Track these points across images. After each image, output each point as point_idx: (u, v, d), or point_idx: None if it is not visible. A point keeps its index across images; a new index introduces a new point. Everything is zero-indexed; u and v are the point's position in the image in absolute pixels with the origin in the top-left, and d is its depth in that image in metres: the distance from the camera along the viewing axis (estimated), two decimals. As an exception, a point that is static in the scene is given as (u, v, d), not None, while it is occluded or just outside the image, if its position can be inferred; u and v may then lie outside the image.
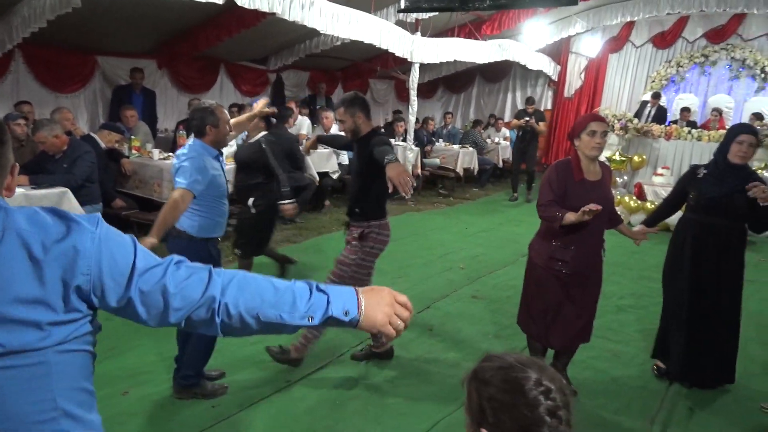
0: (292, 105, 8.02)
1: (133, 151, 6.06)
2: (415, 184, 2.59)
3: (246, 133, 4.34)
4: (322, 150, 7.32)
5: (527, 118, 9.37)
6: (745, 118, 9.86)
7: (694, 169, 3.50)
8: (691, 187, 3.41)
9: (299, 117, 8.01)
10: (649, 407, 3.29)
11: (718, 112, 9.98)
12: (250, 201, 4.33)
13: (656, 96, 10.35)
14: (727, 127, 9.55)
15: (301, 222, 6.92)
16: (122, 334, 3.56)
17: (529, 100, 10.23)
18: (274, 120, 4.48)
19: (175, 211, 2.75)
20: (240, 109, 7.28)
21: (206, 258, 2.89)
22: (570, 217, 2.93)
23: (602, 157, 8.04)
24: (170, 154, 5.87)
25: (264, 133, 4.37)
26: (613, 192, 4.90)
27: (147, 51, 8.06)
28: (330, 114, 7.76)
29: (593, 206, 2.84)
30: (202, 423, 2.84)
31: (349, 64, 11.19)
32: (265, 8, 5.81)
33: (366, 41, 7.20)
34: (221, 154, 3.05)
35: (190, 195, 2.77)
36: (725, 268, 3.32)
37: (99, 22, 6.54)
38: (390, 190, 2.76)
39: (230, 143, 5.19)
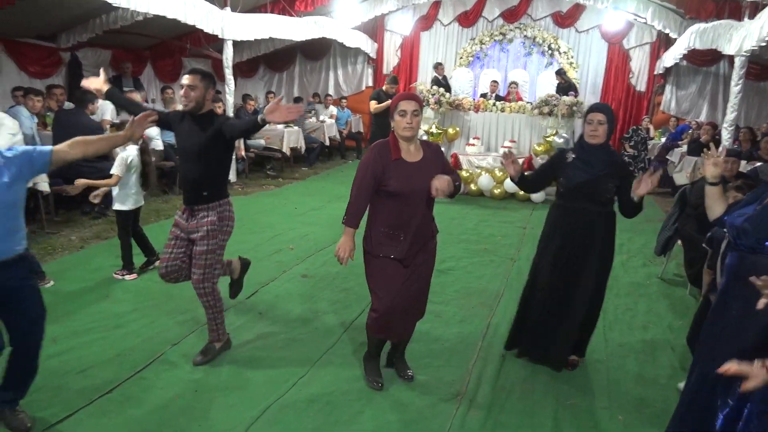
0: (92, 87, 7.16)
1: None
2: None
3: None
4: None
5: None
6: (540, 91, 11.05)
7: (562, 153, 3.35)
8: (560, 172, 3.26)
9: (100, 101, 7.19)
10: (467, 358, 3.57)
11: (515, 84, 11.03)
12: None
13: (437, 66, 11.13)
14: (525, 99, 10.67)
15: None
16: None
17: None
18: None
19: None
20: (26, 93, 6.32)
21: None
22: (348, 232, 3.02)
23: (420, 132, 8.47)
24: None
25: None
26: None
27: None
28: (137, 96, 7.10)
29: (344, 258, 2.97)
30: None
31: (157, 42, 10.34)
32: (41, -24, 5.08)
33: (170, 16, 6.66)
34: None
35: None
36: (593, 252, 3.21)
37: None
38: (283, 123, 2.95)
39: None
